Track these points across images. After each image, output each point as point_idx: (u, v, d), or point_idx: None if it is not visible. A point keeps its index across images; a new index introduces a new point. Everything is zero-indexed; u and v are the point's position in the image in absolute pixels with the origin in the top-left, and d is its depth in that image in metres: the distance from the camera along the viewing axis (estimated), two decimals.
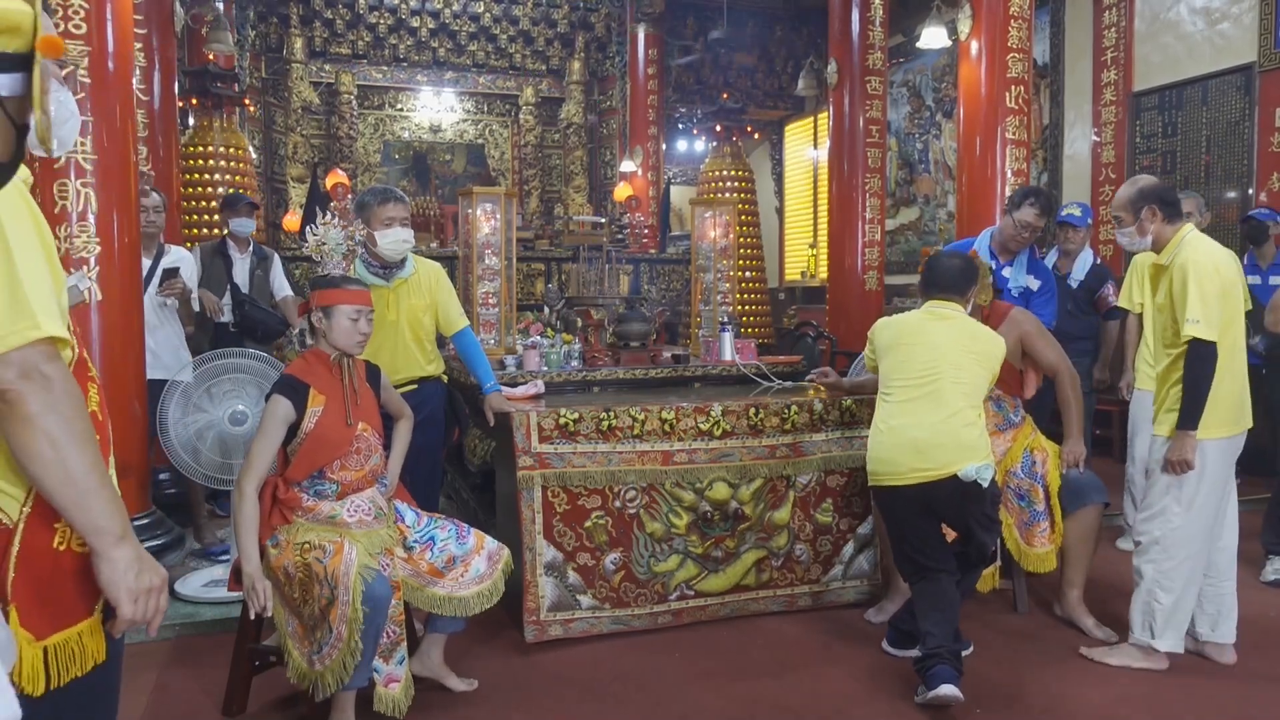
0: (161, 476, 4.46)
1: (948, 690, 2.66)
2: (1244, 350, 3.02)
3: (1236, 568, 3.11)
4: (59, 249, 3.36)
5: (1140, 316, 4.34)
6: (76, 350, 1.40)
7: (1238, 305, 2.98)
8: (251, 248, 4.84)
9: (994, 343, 3.07)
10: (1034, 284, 4.08)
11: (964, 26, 5.14)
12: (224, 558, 4.00)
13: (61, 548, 1.33)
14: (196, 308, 4.46)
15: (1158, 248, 3.05)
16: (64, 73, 1.57)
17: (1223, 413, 2.93)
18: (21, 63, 1.22)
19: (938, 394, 2.93)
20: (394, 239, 3.32)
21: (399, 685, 2.53)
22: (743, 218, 8.61)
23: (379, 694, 2.51)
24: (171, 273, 4.18)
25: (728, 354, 4.53)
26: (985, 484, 2.86)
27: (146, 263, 4.23)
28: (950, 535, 3.17)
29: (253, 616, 2.54)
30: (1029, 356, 3.48)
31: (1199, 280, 2.86)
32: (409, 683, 2.57)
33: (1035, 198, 3.94)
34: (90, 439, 1.29)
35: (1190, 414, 2.90)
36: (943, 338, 3.00)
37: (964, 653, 3.09)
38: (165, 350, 4.21)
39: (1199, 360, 2.87)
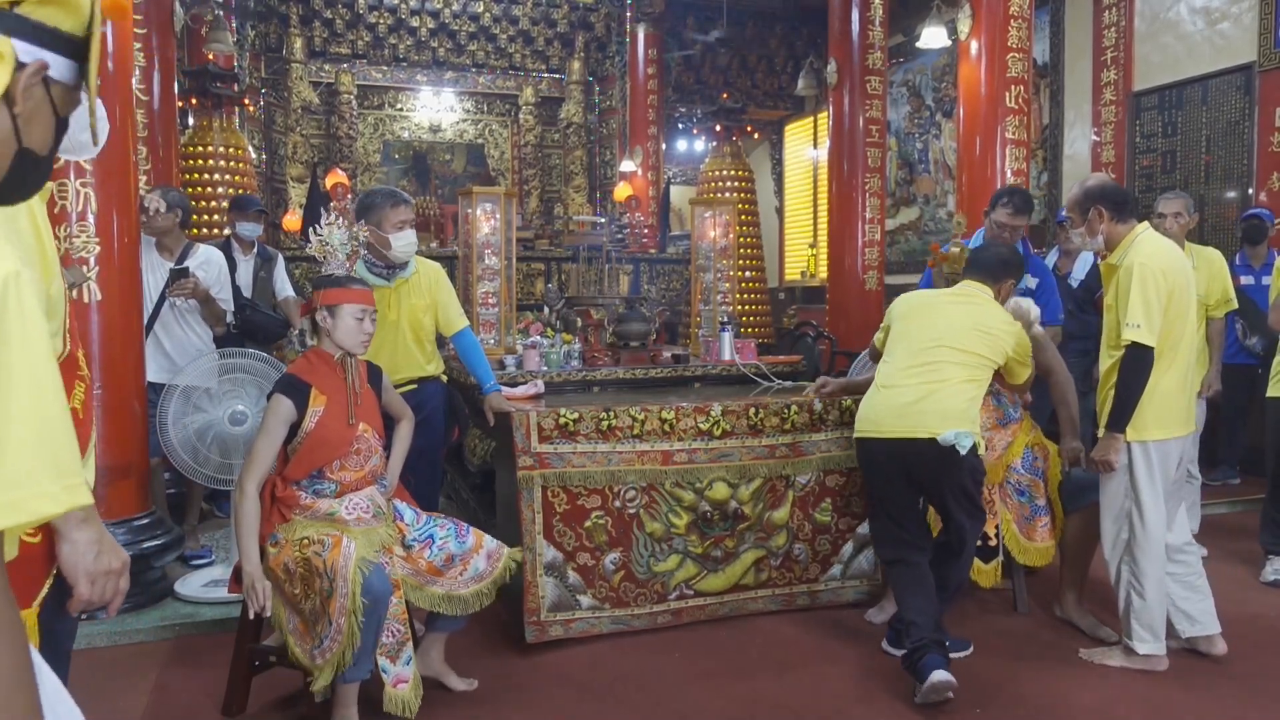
0: (164, 476, 4.45)
1: (941, 676, 2.66)
2: (1190, 353, 3.02)
3: (1201, 561, 3.13)
4: (59, 249, 3.36)
5: None
6: (68, 346, 1.40)
7: (1185, 307, 2.96)
8: (256, 249, 4.82)
9: (1007, 327, 3.08)
10: (1032, 282, 4.08)
11: (964, 26, 5.14)
12: (201, 563, 4.00)
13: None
14: (228, 308, 4.27)
15: (1110, 246, 3.07)
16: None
17: (1164, 413, 2.95)
18: (74, 49, 1.11)
19: (936, 365, 2.97)
20: (406, 241, 3.37)
21: (408, 685, 2.53)
22: (743, 218, 8.60)
23: (389, 695, 2.50)
24: (180, 272, 4.02)
25: (727, 354, 4.53)
26: (963, 451, 2.84)
27: (170, 265, 4.09)
28: (937, 531, 3.18)
29: (252, 616, 2.54)
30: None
31: (1143, 284, 2.87)
32: (417, 682, 2.56)
33: (1009, 197, 3.92)
34: None
35: (1119, 417, 2.93)
36: (957, 314, 3.06)
37: (964, 653, 3.10)
38: (183, 357, 4.02)
39: (1135, 364, 2.89)
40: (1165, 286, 2.89)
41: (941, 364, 2.96)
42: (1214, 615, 3.08)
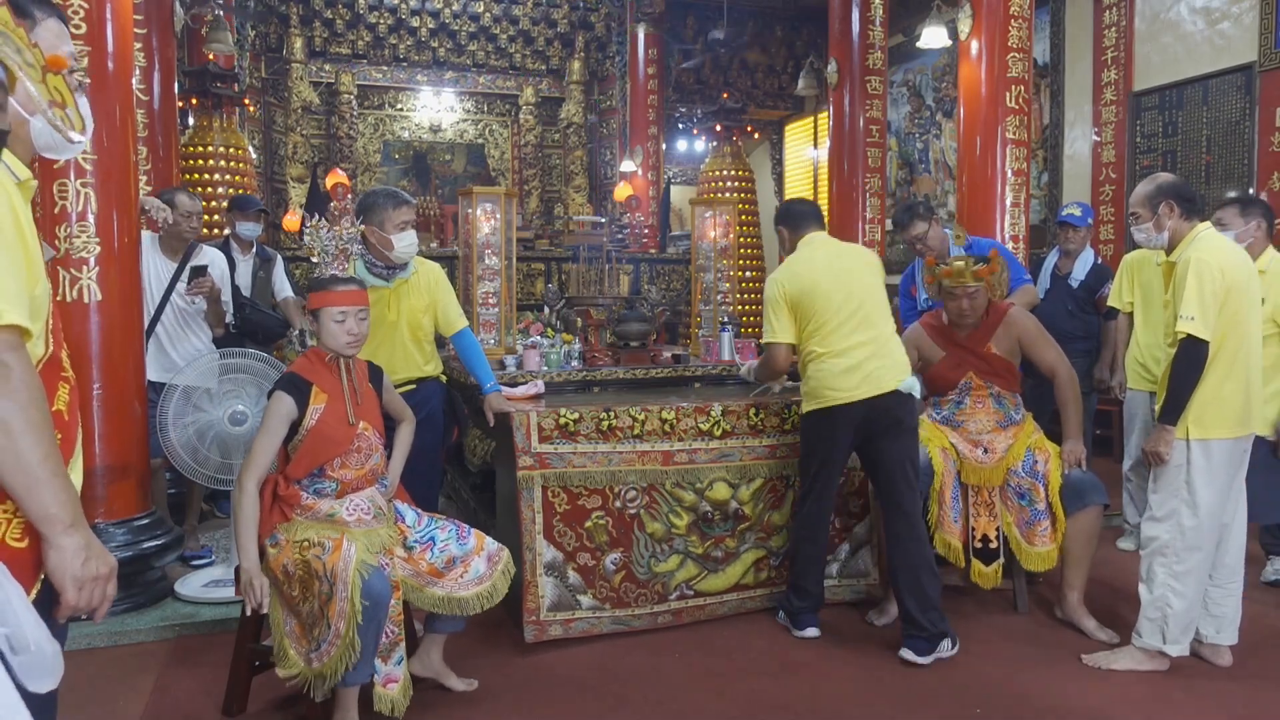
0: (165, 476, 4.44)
1: (813, 633, 3.26)
2: (1256, 352, 2.96)
3: (1244, 571, 3.10)
4: (59, 249, 3.36)
5: (1130, 315, 4.34)
6: (52, 348, 1.40)
7: (1247, 306, 2.91)
8: (255, 249, 4.82)
9: (867, 253, 3.45)
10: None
11: (964, 26, 5.13)
12: (201, 563, 3.99)
13: None
14: (228, 308, 4.26)
15: (1172, 244, 3.02)
16: (74, 78, 1.57)
17: (1228, 413, 2.90)
18: None
19: (866, 316, 3.19)
20: (409, 241, 3.38)
21: (397, 685, 2.54)
22: (743, 218, 8.60)
23: (378, 694, 2.51)
24: (199, 270, 3.98)
25: (728, 354, 4.52)
26: (918, 396, 3.18)
27: (173, 265, 4.08)
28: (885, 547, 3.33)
29: (249, 613, 2.54)
30: (1028, 356, 3.50)
31: (1199, 278, 2.83)
32: (407, 683, 2.57)
33: (907, 213, 4.21)
34: (47, 429, 1.29)
35: (1171, 410, 2.90)
36: (839, 263, 3.28)
37: (952, 650, 3.09)
38: (185, 357, 3.98)
39: (1188, 357, 2.85)
40: (1223, 282, 2.83)
41: (870, 316, 3.19)
42: (1236, 629, 3.06)
